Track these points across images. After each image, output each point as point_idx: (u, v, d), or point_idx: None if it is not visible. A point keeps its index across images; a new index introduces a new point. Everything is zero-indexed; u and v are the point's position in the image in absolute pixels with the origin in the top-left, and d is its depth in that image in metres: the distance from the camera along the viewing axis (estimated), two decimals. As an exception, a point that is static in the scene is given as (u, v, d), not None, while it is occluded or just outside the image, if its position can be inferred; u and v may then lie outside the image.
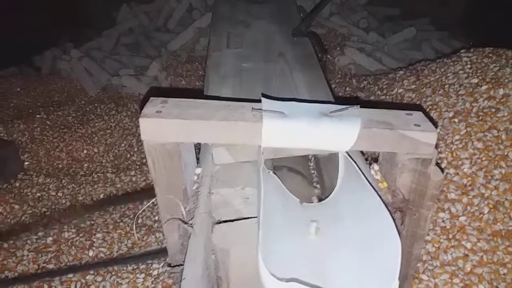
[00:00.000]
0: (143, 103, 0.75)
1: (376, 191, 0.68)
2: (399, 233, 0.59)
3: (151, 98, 0.77)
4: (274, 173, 0.83)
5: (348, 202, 0.74)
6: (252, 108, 0.75)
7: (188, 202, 0.81)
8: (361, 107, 0.76)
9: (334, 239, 0.69)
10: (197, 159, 0.93)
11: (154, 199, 0.80)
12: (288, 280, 0.52)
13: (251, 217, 0.79)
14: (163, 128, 0.72)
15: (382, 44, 2.68)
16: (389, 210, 0.63)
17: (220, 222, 0.79)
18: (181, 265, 0.71)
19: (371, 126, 0.72)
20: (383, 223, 0.62)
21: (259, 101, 0.78)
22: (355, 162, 0.75)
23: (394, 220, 0.61)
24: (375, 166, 0.87)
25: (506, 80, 1.41)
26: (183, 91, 2.38)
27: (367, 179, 0.70)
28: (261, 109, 0.74)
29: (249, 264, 0.74)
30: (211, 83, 1.15)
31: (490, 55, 1.59)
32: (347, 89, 2.20)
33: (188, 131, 0.72)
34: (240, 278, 0.80)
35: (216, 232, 0.77)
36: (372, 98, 1.88)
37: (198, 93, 0.95)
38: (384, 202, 0.66)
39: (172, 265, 0.86)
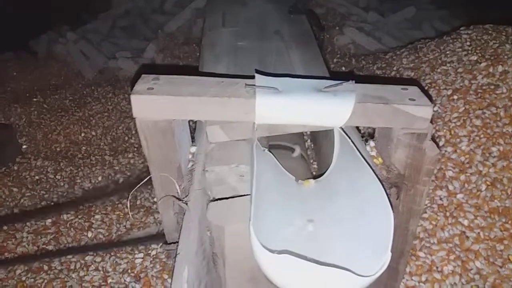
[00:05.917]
0: (134, 80, 0.74)
1: (370, 165, 0.67)
2: (391, 206, 0.58)
3: (142, 75, 0.75)
4: (270, 151, 0.82)
5: (343, 178, 0.74)
6: (245, 84, 0.74)
7: (183, 180, 0.81)
8: (356, 82, 0.75)
9: (328, 215, 0.69)
10: (193, 138, 0.92)
11: (149, 176, 0.80)
12: (280, 252, 0.52)
13: (246, 195, 0.79)
14: (155, 105, 0.71)
15: (382, 23, 2.64)
16: (382, 185, 0.63)
17: (215, 200, 0.79)
18: (177, 242, 0.71)
19: (366, 101, 0.71)
20: (376, 197, 0.61)
21: (253, 77, 0.77)
22: (350, 138, 0.74)
23: (387, 194, 0.61)
24: (371, 143, 0.86)
25: (506, 57, 1.39)
26: (176, 68, 2.35)
27: (361, 154, 0.69)
28: (254, 85, 0.73)
29: (244, 241, 0.74)
30: (206, 62, 1.13)
31: (490, 31, 1.56)
32: (346, 68, 2.18)
33: (180, 108, 0.71)
34: (235, 254, 0.80)
35: (211, 210, 0.77)
36: (370, 77, 1.86)
37: (191, 71, 0.93)
38: (378, 177, 0.65)
39: (168, 242, 0.86)
